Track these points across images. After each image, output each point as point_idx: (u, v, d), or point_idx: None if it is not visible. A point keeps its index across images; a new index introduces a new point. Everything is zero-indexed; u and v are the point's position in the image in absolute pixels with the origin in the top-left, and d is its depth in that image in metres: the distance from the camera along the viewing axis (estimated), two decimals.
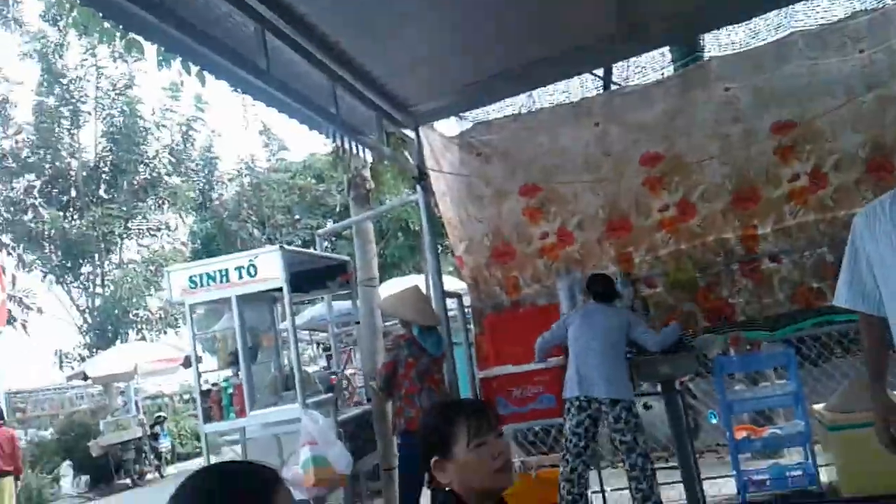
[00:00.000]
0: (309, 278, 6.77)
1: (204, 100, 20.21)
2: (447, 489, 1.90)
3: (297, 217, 25.04)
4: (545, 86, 6.10)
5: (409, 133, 5.97)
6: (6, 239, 19.98)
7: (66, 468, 14.81)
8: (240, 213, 24.12)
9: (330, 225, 26.26)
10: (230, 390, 5.83)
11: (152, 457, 15.63)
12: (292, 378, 5.80)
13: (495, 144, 6.48)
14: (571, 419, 5.06)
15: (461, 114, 6.40)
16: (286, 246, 6.29)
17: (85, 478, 14.88)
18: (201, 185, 23.05)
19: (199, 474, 1.37)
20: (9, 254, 19.79)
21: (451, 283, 8.44)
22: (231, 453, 6.62)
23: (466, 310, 6.68)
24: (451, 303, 6.40)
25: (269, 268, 5.88)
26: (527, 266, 6.52)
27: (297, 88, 4.58)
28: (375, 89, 5.17)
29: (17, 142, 19.99)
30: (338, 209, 24.47)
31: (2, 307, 16.44)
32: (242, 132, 24.19)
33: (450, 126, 6.92)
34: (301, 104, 4.76)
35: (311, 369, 8.18)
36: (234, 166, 24.92)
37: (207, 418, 5.77)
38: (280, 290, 5.74)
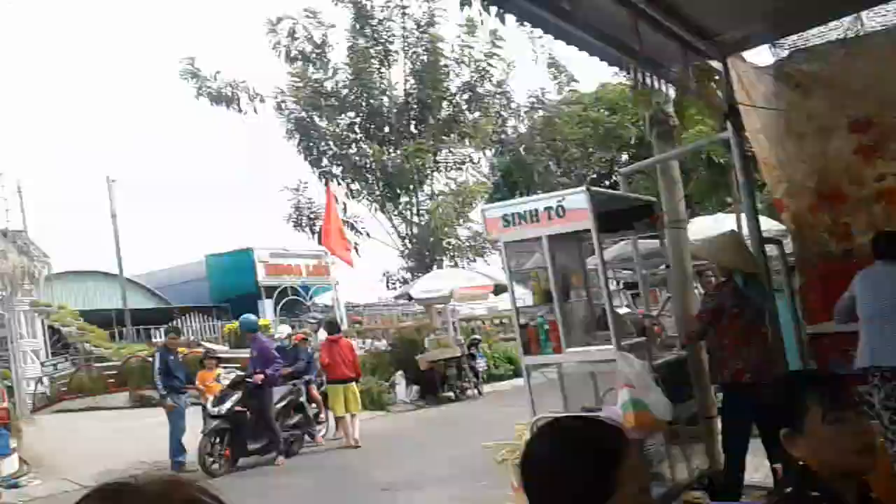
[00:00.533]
0: (615, 219, 6.85)
1: (499, 35, 20.53)
2: (800, 463, 1.80)
3: (590, 150, 25.05)
4: (876, 5, 5.48)
5: (716, 65, 5.68)
6: (336, 171, 22.44)
7: (399, 377, 16.67)
8: (534, 146, 24.68)
9: (624, 157, 25.99)
10: (545, 326, 6.34)
11: (471, 375, 17.07)
12: (604, 318, 6.14)
13: (817, 74, 5.88)
14: (879, 392, 4.74)
15: (775, 41, 5.92)
16: (592, 187, 6.46)
17: (415, 388, 16.69)
18: (497, 119, 23.67)
19: (549, 434, 1.51)
20: (339, 184, 22.26)
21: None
22: (544, 380, 7.05)
23: (788, 258, 6.32)
24: (769, 248, 6.15)
25: (577, 209, 6.19)
26: (860, 212, 5.87)
27: (598, 26, 4.68)
28: (679, 19, 4.97)
29: (337, 82, 22.08)
30: (632, 141, 24.02)
31: (342, 239, 18.74)
32: (531, 65, 24.14)
33: (761, 55, 6.39)
34: (603, 42, 4.87)
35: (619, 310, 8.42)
36: (526, 100, 25.41)
37: (527, 350, 6.36)
38: (587, 230, 6.02)
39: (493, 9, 5.94)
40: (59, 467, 11.15)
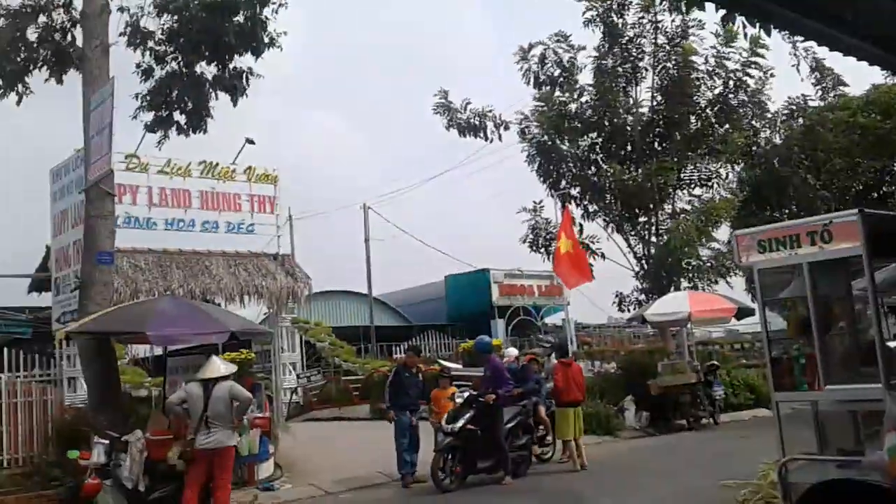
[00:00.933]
0: (890, 242, 6.13)
1: (760, 40, 19.23)
2: None
3: (857, 159, 22.71)
4: None
5: None
6: (574, 192, 22.47)
7: (628, 402, 16.09)
8: (791, 158, 22.90)
9: None
10: (801, 360, 5.72)
11: (707, 403, 16.11)
12: (871, 353, 5.41)
13: None
14: None
15: None
16: (866, 210, 5.76)
17: (645, 413, 16.01)
18: (750, 131, 22.39)
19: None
20: (576, 205, 22.27)
21: None
22: (790, 411, 6.43)
23: None
24: None
25: (846, 234, 5.53)
26: None
27: (876, 31, 4.19)
28: None
29: (581, 103, 22.10)
30: None
31: (582, 263, 18.54)
32: (792, 71, 22.45)
33: None
34: (880, 47, 4.33)
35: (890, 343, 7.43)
36: (783, 108, 23.68)
37: (778, 385, 5.77)
38: (857, 256, 5.37)
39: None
40: (308, 472, 12.02)
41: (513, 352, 14.47)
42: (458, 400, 11.02)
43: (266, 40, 13.51)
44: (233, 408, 8.48)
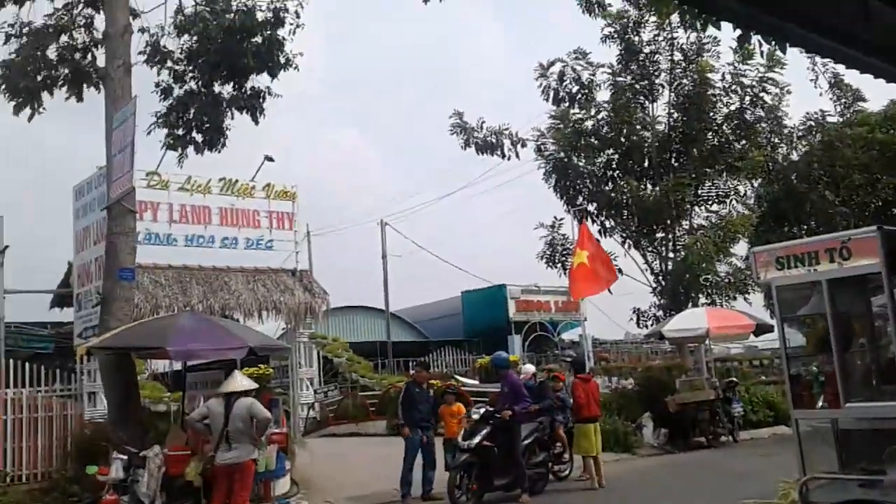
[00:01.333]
0: None
1: (777, 57, 19.21)
2: None
3: (876, 175, 22.59)
4: None
5: None
6: (591, 208, 22.49)
7: (646, 418, 15.96)
8: (810, 174, 22.82)
9: None
10: (821, 377, 5.69)
11: (725, 420, 15.96)
12: (891, 371, 5.38)
13: None
14: None
15: None
16: (885, 227, 5.75)
17: (664, 430, 15.86)
18: (768, 147, 22.35)
19: None
20: (593, 221, 22.28)
21: None
22: (809, 429, 6.38)
23: None
24: None
25: (865, 250, 5.52)
26: None
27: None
28: None
29: (598, 120, 22.15)
30: None
31: (604, 275, 18.61)
32: (809, 86, 22.52)
33: None
34: None
35: None
36: (802, 125, 23.64)
37: (797, 403, 5.74)
38: (877, 273, 5.35)
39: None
40: (324, 489, 12.01)
41: (530, 368, 14.43)
42: (475, 416, 10.99)
43: (282, 61, 13.69)
44: (252, 424, 8.52)
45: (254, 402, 8.68)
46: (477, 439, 10.52)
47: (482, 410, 11.09)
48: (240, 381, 8.84)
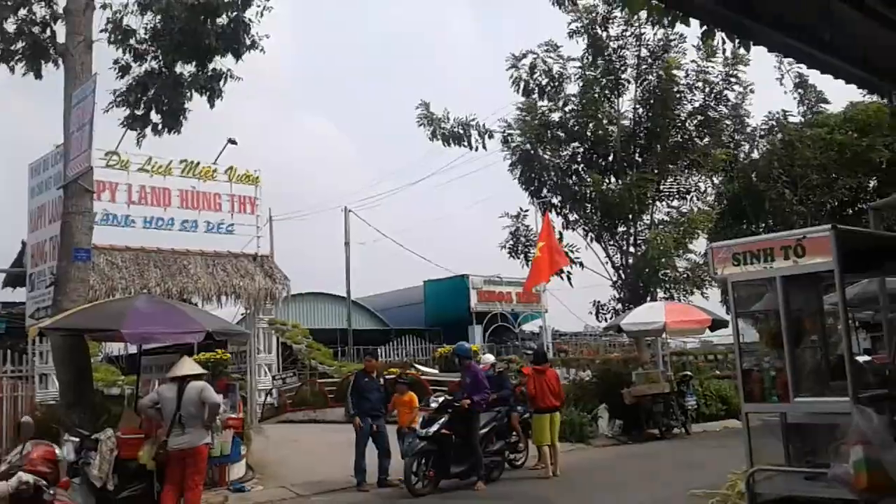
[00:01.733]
0: (862, 258, 6.25)
1: (739, 56, 19.47)
2: None
3: (833, 176, 23.06)
4: None
5: None
6: (555, 200, 22.57)
7: (602, 410, 16.17)
8: (769, 172, 23.17)
9: (872, 184, 23.62)
10: (772, 372, 5.81)
11: (679, 412, 16.23)
12: (840, 367, 5.51)
13: None
14: None
15: None
16: (839, 226, 5.86)
17: (619, 422, 16.11)
18: (730, 145, 22.67)
19: None
20: (557, 213, 22.38)
21: None
22: (759, 423, 6.51)
23: None
24: None
25: (819, 249, 5.62)
26: None
27: (862, 55, 4.30)
28: None
29: (565, 113, 22.20)
30: (883, 165, 21.90)
31: (555, 260, 18.86)
32: (772, 85, 22.96)
33: None
34: (861, 69, 4.44)
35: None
36: (764, 124, 24.02)
37: (749, 397, 5.85)
38: (829, 271, 5.46)
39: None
40: (280, 475, 11.98)
41: (489, 358, 14.53)
42: (434, 405, 11.05)
43: (248, 42, 13.48)
44: (204, 409, 8.44)
45: (205, 386, 8.60)
46: (435, 427, 10.59)
47: (441, 399, 11.15)
48: (189, 365, 8.75)
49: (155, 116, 13.65)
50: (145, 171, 15.91)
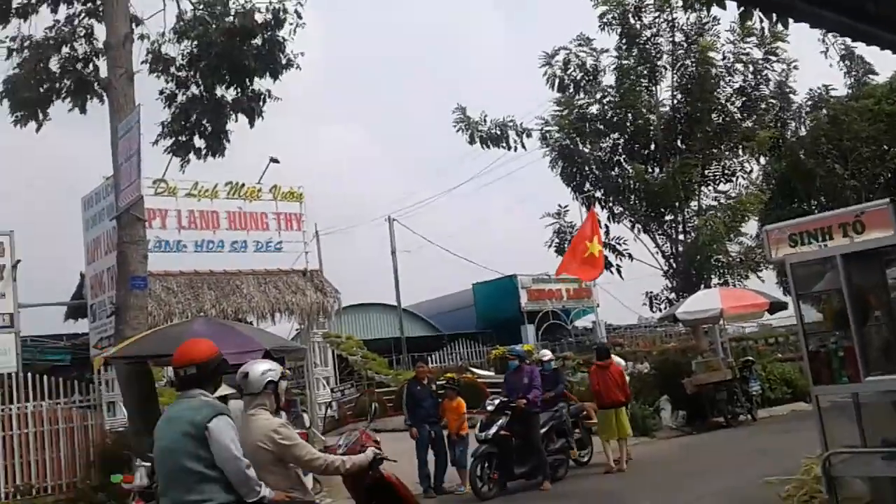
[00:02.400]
0: None
1: (777, 33, 19.09)
2: None
3: (884, 147, 22.44)
4: None
5: None
6: (599, 194, 22.46)
7: (664, 402, 15.95)
8: (817, 149, 22.70)
9: None
10: (839, 352, 5.66)
11: (743, 399, 15.92)
12: None
13: None
14: None
15: None
16: None
17: (682, 413, 15.86)
18: (774, 123, 22.25)
19: None
20: (602, 207, 22.26)
21: None
22: (828, 405, 6.34)
23: None
24: None
25: (879, 223, 5.49)
26: None
27: None
28: None
29: (603, 105, 22.08)
30: None
31: (599, 258, 18.70)
32: (818, 59, 22.52)
33: None
34: None
35: None
36: (809, 100, 23.50)
37: (817, 379, 5.72)
38: (892, 246, 5.32)
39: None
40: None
41: (547, 353, 14.44)
42: (490, 407, 11.03)
43: (284, 62, 13.68)
44: None
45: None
46: (494, 429, 10.56)
47: (497, 401, 11.12)
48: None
49: (199, 141, 13.93)
50: (193, 195, 16.20)
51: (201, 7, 13.43)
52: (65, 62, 13.43)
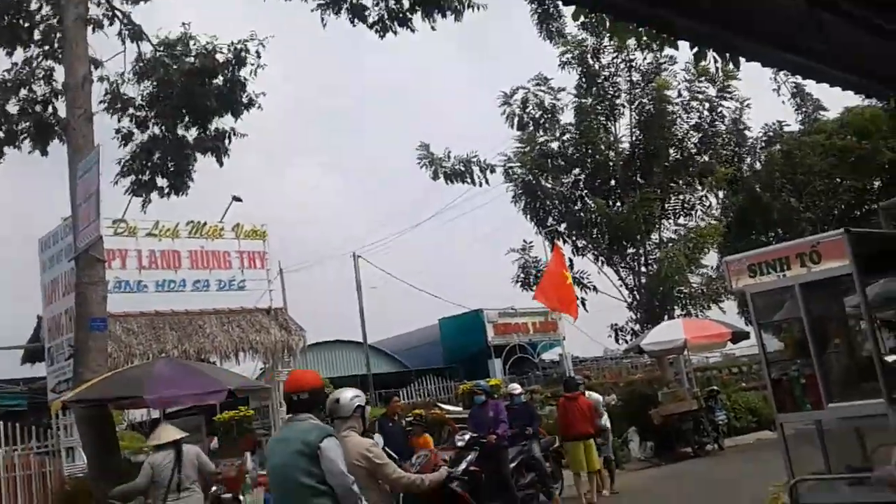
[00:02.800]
0: (879, 259, 6.22)
1: (729, 72, 19.66)
2: None
3: (837, 180, 23.12)
4: None
5: None
6: (562, 228, 22.67)
7: (632, 433, 16.02)
8: (772, 182, 23.29)
9: (877, 184, 23.62)
10: (802, 380, 5.76)
11: (710, 428, 16.05)
12: (869, 369, 5.46)
13: None
14: None
15: None
16: (852, 228, 5.87)
17: (649, 443, 15.95)
18: (731, 158, 22.84)
19: None
20: (564, 241, 22.44)
21: None
22: (792, 432, 6.42)
23: None
24: None
25: (834, 253, 5.61)
26: None
27: (857, 63, 4.30)
28: None
29: (563, 142, 22.43)
30: (887, 166, 22.06)
31: (572, 301, 18.66)
32: (769, 96, 23.33)
33: None
34: (866, 78, 4.44)
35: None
36: (763, 135, 24.17)
37: (781, 407, 5.79)
38: (847, 274, 5.45)
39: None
40: None
41: (516, 386, 14.40)
42: (460, 443, 10.94)
43: (245, 101, 13.68)
44: (199, 471, 8.32)
45: (199, 451, 8.51)
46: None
47: (466, 436, 11.04)
48: (173, 430, 8.56)
49: (161, 180, 13.81)
50: (153, 235, 15.98)
51: (161, 48, 13.41)
52: (24, 104, 13.29)
